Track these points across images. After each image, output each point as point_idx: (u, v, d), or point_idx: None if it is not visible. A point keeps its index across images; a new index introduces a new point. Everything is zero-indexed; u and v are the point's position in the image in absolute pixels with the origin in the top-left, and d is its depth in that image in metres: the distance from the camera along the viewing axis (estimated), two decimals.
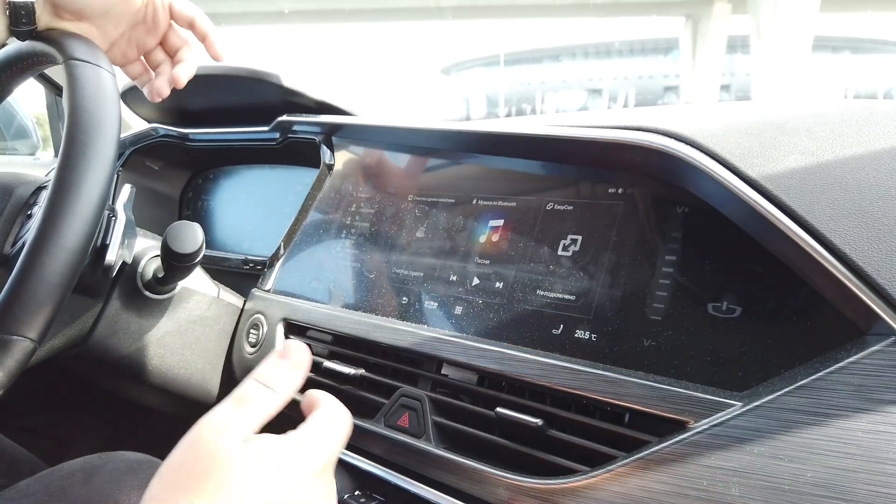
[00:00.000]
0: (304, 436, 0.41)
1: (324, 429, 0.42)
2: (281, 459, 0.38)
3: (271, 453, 0.38)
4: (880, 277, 0.43)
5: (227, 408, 0.39)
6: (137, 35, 0.69)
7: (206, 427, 0.38)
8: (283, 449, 0.39)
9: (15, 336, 0.50)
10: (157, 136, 1.14)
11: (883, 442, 0.40)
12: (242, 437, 0.38)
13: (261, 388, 0.41)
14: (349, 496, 0.67)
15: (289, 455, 0.39)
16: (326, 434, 0.42)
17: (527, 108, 34.78)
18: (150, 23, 0.68)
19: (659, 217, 0.59)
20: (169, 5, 0.69)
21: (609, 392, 0.53)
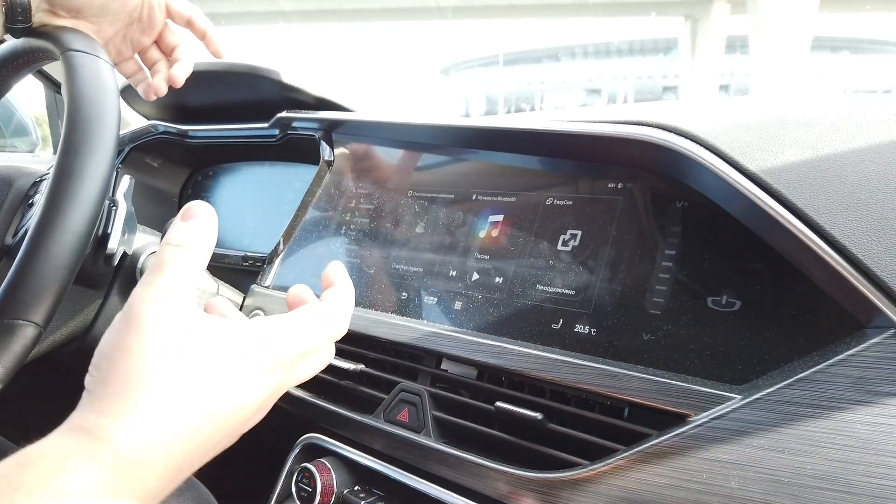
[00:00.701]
0: (264, 326, 0.38)
1: (297, 324, 0.40)
2: (219, 338, 0.36)
3: (207, 329, 0.36)
4: (880, 270, 0.43)
5: (145, 279, 0.36)
6: (133, 33, 0.69)
7: (134, 301, 0.35)
8: (226, 329, 0.37)
9: (20, 321, 0.50)
10: (156, 132, 1.13)
11: (883, 434, 0.40)
12: (171, 303, 0.35)
13: (172, 248, 0.37)
14: (349, 491, 0.67)
15: (231, 337, 0.36)
16: (295, 331, 0.40)
17: (526, 107, 34.79)
18: (146, 21, 0.68)
19: (658, 212, 0.59)
20: (166, 4, 0.69)
21: (609, 386, 0.53)
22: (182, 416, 0.34)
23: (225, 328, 0.37)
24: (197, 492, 0.71)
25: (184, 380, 0.34)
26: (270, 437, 0.94)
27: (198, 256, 0.38)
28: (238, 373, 0.36)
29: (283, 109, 0.99)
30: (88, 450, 0.31)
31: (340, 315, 0.44)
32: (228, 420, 0.36)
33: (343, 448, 0.71)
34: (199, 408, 0.34)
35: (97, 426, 0.32)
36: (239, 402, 0.36)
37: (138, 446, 0.32)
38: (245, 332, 0.37)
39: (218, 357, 0.35)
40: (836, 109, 0.55)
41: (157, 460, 0.33)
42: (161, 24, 0.70)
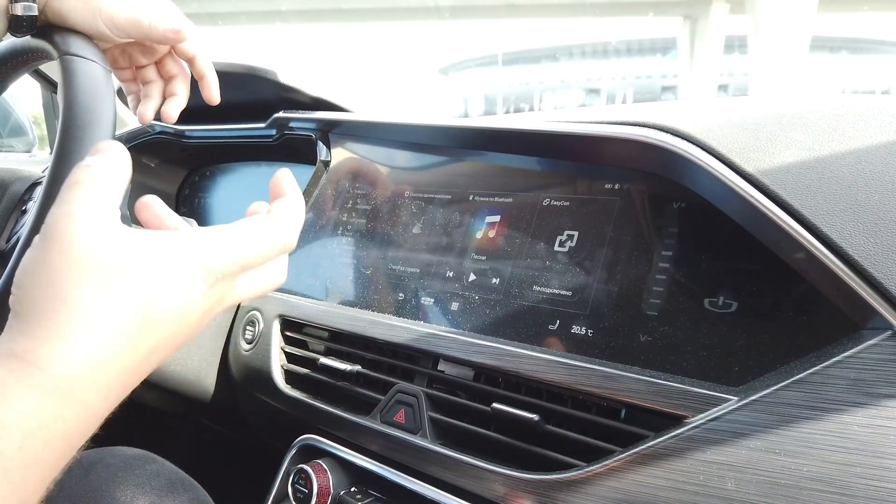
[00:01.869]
0: (201, 235, 0.36)
1: (238, 234, 0.38)
2: (150, 248, 0.34)
3: (136, 239, 0.34)
4: (877, 272, 0.43)
5: (60, 197, 0.35)
6: (132, 51, 0.68)
7: (52, 219, 0.34)
8: (157, 239, 0.35)
9: None
10: (153, 132, 1.13)
11: (880, 436, 0.40)
12: (92, 217, 0.34)
13: (85, 167, 0.36)
14: (345, 492, 0.67)
15: (164, 247, 0.35)
16: (236, 241, 0.37)
17: (525, 107, 34.81)
18: (148, 47, 0.67)
19: (655, 213, 0.59)
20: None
21: (605, 387, 0.53)
22: (119, 333, 0.33)
23: (160, 239, 0.35)
24: (194, 493, 0.70)
25: (114, 292, 0.33)
26: (267, 438, 0.94)
27: (115, 175, 0.36)
28: (177, 285, 0.34)
29: (279, 110, 0.98)
30: (21, 376, 0.30)
31: (289, 226, 0.41)
32: (169, 334, 0.35)
33: (339, 449, 0.70)
34: (138, 325, 0.33)
35: (28, 350, 0.31)
36: (181, 315, 0.35)
37: (74, 367, 0.31)
38: (179, 241, 0.35)
39: (153, 270, 0.34)
40: (833, 110, 0.55)
41: (96, 378, 0.32)
42: (162, 54, 0.69)
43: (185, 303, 0.35)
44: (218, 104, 0.68)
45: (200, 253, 0.36)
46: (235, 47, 27.22)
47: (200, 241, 0.36)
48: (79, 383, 0.31)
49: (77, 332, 0.32)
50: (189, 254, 0.35)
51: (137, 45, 0.67)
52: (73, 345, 0.31)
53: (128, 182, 0.38)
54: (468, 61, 38.58)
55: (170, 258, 0.35)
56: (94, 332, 0.32)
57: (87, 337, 0.32)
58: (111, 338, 0.32)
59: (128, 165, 0.38)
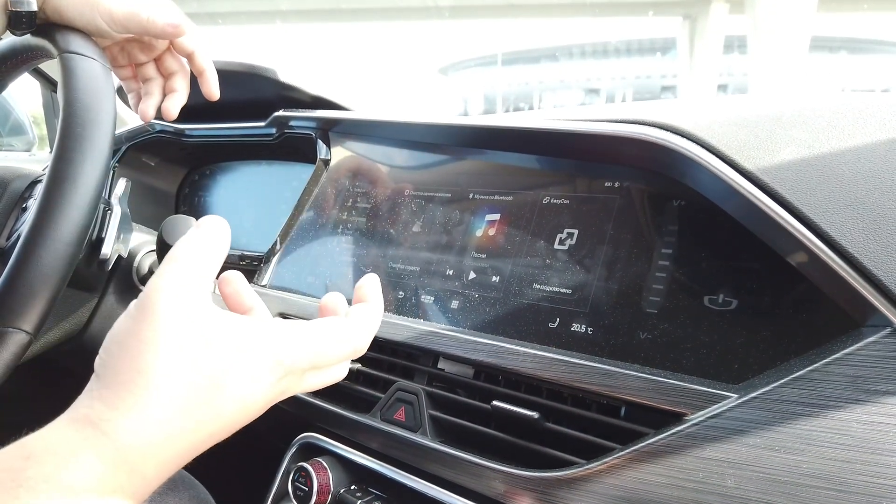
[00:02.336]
0: (282, 330, 0.37)
1: (317, 334, 0.39)
2: (234, 335, 0.35)
3: (223, 324, 0.35)
4: (876, 269, 0.43)
5: (161, 269, 0.36)
6: (131, 48, 0.68)
7: (150, 290, 0.35)
8: (242, 327, 0.36)
9: (10, 328, 0.50)
10: (153, 131, 1.13)
11: (879, 433, 0.40)
12: (186, 294, 0.35)
13: (187, 243, 0.37)
14: (345, 490, 0.67)
15: (247, 336, 0.36)
16: (314, 341, 0.38)
17: (524, 107, 34.81)
18: (147, 43, 0.67)
19: (655, 210, 0.59)
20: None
21: (605, 385, 0.53)
22: (188, 412, 0.33)
23: (242, 325, 0.36)
24: (194, 491, 0.70)
25: (194, 375, 0.34)
26: (267, 436, 0.94)
27: (213, 252, 0.37)
28: (248, 373, 0.35)
29: (279, 108, 0.99)
30: (94, 444, 0.31)
31: (364, 334, 0.42)
32: (231, 418, 0.36)
33: (339, 447, 0.70)
34: (206, 405, 0.34)
35: (104, 419, 0.32)
36: (245, 402, 0.36)
37: (143, 442, 0.32)
38: (262, 332, 0.36)
39: (230, 354, 0.35)
40: (833, 108, 0.55)
41: (158, 455, 0.33)
42: (161, 50, 0.69)
43: (251, 390, 0.36)
44: (217, 101, 0.68)
45: (276, 345, 0.37)
46: (236, 47, 27.21)
47: (278, 334, 0.37)
48: (144, 457, 0.32)
49: (153, 408, 0.32)
50: (265, 344, 0.36)
51: (136, 43, 0.67)
52: (146, 420, 0.32)
53: (223, 258, 0.39)
54: (468, 61, 38.58)
55: (246, 345, 0.35)
56: (169, 411, 0.33)
57: (162, 414, 0.32)
58: (180, 415, 0.33)
59: (227, 241, 0.39)
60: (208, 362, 0.34)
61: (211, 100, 0.70)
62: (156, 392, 0.32)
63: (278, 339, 0.37)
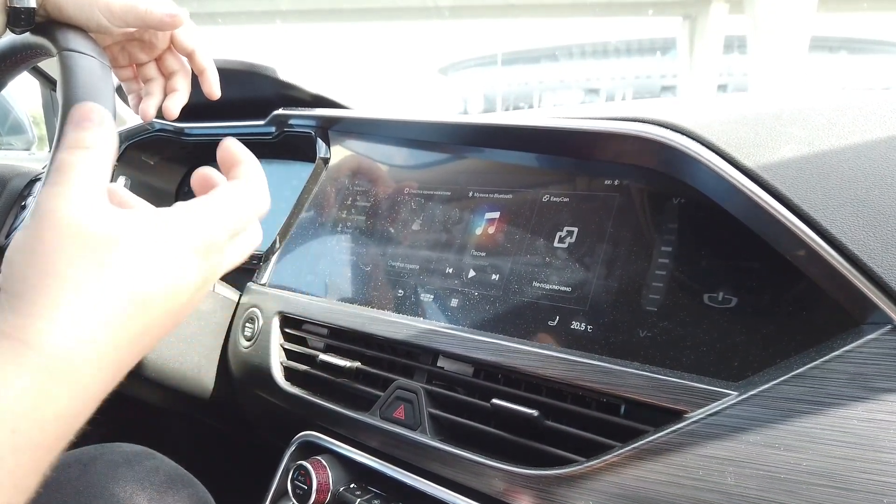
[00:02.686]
0: (187, 209, 0.36)
1: (220, 203, 0.38)
2: (142, 224, 0.34)
3: (127, 217, 0.34)
4: (877, 266, 0.43)
5: (50, 179, 0.34)
6: (131, 48, 0.68)
7: (43, 199, 0.33)
8: (148, 215, 0.35)
9: None
10: (152, 130, 1.13)
11: (879, 430, 0.40)
12: (83, 197, 0.33)
13: (73, 150, 0.35)
14: (345, 489, 0.67)
15: (155, 223, 0.35)
16: (220, 210, 0.38)
17: (524, 107, 34.84)
18: (147, 42, 0.67)
19: (655, 208, 0.59)
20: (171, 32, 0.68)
21: (605, 382, 0.53)
22: (109, 305, 0.32)
23: (146, 214, 0.35)
24: (193, 489, 0.70)
25: (106, 268, 0.32)
26: (266, 434, 0.94)
27: (103, 155, 0.36)
28: (167, 258, 0.34)
29: (279, 107, 0.99)
30: (12, 356, 0.30)
31: (259, 188, 0.41)
32: (163, 307, 0.35)
33: (339, 446, 0.70)
34: (128, 296, 0.33)
35: (18, 327, 0.30)
36: (171, 288, 0.35)
37: (65, 342, 0.30)
38: (170, 216, 0.36)
39: (143, 243, 0.34)
40: (833, 105, 0.55)
41: (88, 354, 0.31)
42: (161, 50, 0.68)
43: (178, 277, 0.35)
44: (218, 99, 0.68)
45: (192, 226, 0.36)
46: (236, 47, 27.20)
47: (190, 215, 0.36)
48: (71, 359, 0.31)
49: (68, 308, 0.31)
50: (181, 228, 0.35)
51: (137, 42, 0.67)
52: (64, 320, 0.31)
53: (114, 160, 0.37)
54: (468, 61, 38.57)
55: (162, 233, 0.35)
56: (85, 308, 0.31)
57: (79, 312, 0.31)
58: (103, 313, 0.32)
59: (114, 144, 0.38)
60: (122, 257, 0.33)
61: (212, 99, 0.70)
62: (70, 292, 0.31)
63: (192, 219, 0.36)
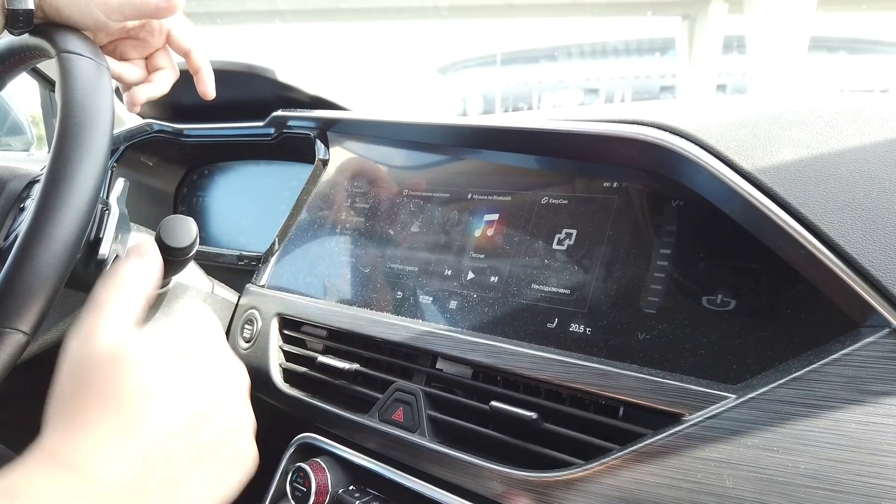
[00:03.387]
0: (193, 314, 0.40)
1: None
2: (182, 340, 0.37)
3: (170, 335, 0.36)
4: (875, 269, 0.43)
5: (99, 306, 0.36)
6: (124, 46, 0.68)
7: (89, 327, 0.35)
8: (180, 329, 0.37)
9: (7, 328, 0.49)
10: (151, 131, 1.13)
11: (876, 433, 0.40)
12: (130, 324, 0.36)
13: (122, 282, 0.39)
14: (343, 491, 0.67)
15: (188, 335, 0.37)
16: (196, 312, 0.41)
17: (523, 107, 34.79)
18: (142, 41, 0.67)
19: (654, 211, 0.59)
20: (168, 31, 0.68)
21: (603, 385, 0.53)
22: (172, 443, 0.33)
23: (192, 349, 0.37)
24: None
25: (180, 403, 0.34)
26: (265, 436, 0.94)
27: (146, 289, 0.40)
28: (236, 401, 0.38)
29: (278, 108, 0.98)
30: (70, 485, 0.29)
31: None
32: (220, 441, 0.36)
33: (338, 448, 0.70)
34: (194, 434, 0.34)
35: (71, 454, 0.31)
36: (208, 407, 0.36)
37: (120, 477, 0.31)
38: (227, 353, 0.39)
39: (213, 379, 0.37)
40: (831, 108, 0.55)
41: (137, 486, 0.31)
42: (155, 48, 0.68)
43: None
44: (216, 101, 0.68)
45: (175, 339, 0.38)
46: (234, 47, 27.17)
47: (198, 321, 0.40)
48: (123, 489, 0.31)
49: (118, 437, 0.32)
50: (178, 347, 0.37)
51: (130, 41, 0.67)
52: (114, 450, 0.31)
53: (156, 282, 0.42)
54: (466, 61, 38.55)
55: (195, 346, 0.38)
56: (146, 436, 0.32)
57: (131, 440, 0.32)
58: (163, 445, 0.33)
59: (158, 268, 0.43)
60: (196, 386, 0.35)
61: (206, 99, 0.70)
62: (117, 421, 0.32)
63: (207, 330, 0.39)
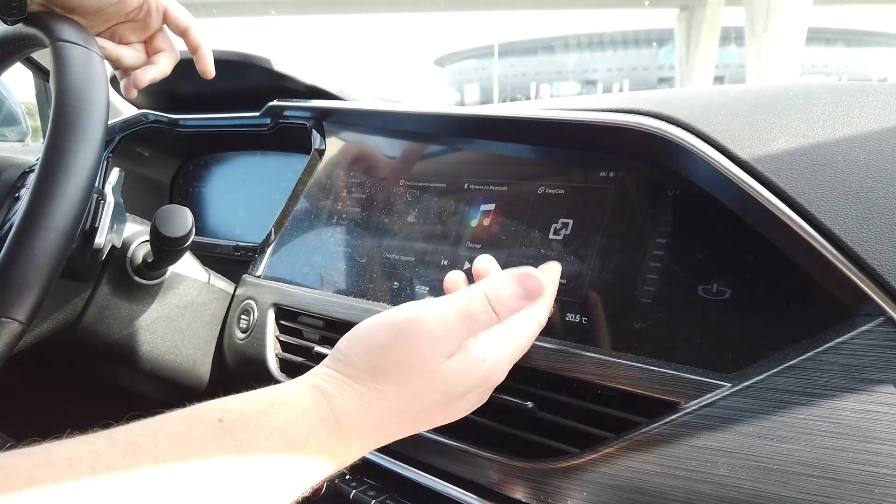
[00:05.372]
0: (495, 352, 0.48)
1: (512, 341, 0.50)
2: (466, 379, 0.46)
3: (462, 372, 0.46)
4: (870, 258, 0.43)
5: (453, 320, 0.46)
6: (122, 30, 0.67)
7: (426, 334, 0.45)
8: (472, 370, 0.47)
9: (3, 318, 0.49)
10: (147, 121, 1.13)
11: (871, 421, 0.40)
12: (451, 352, 0.45)
13: (488, 308, 0.48)
14: (339, 480, 0.67)
15: (474, 375, 0.47)
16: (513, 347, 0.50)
17: (521, 98, 34.72)
18: (140, 23, 0.67)
19: (650, 200, 0.59)
20: (164, 10, 0.67)
21: (599, 374, 0.53)
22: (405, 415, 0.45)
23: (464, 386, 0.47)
24: None
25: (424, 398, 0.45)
26: None
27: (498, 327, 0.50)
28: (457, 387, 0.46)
29: (274, 98, 0.98)
30: (321, 411, 0.41)
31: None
32: (440, 409, 0.47)
33: None
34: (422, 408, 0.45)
35: (335, 395, 0.42)
36: (453, 396, 0.47)
37: (358, 426, 0.42)
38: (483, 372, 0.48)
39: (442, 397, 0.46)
40: (828, 97, 0.55)
41: (365, 437, 0.42)
42: (154, 29, 0.68)
43: (458, 391, 0.47)
44: (212, 90, 0.68)
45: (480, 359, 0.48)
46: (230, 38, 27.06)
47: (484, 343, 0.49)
48: (353, 434, 0.42)
49: (376, 405, 0.43)
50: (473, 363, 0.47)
51: (128, 24, 0.67)
52: (367, 409, 0.42)
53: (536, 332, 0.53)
54: (464, 52, 38.44)
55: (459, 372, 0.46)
56: (385, 412, 0.43)
57: (379, 411, 0.43)
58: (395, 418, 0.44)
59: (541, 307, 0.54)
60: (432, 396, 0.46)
61: (206, 78, 0.70)
62: (387, 398, 0.43)
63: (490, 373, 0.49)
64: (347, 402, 0.41)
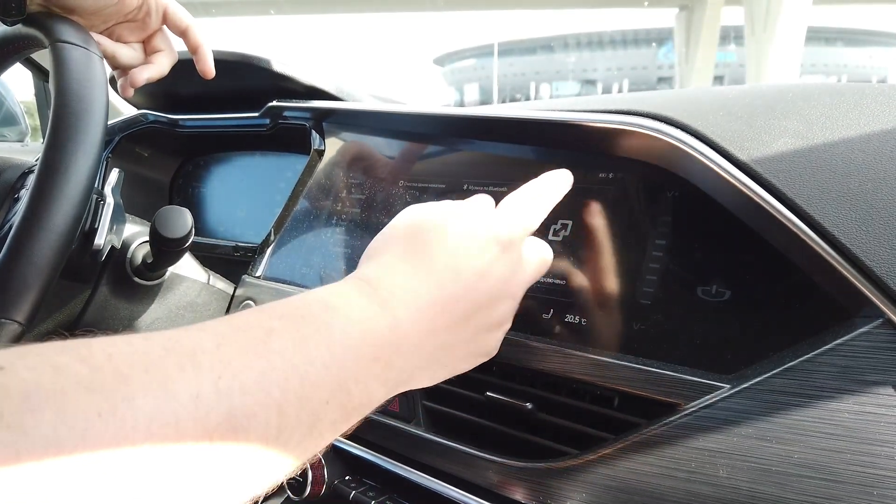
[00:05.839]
0: (498, 208, 0.51)
1: (526, 200, 0.53)
2: (475, 230, 0.48)
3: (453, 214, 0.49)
4: (869, 260, 0.43)
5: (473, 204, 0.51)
6: (120, 30, 0.67)
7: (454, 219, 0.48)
8: (470, 213, 0.49)
9: (2, 319, 0.50)
10: (146, 122, 1.13)
11: (869, 423, 0.41)
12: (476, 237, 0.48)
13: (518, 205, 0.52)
14: (339, 481, 0.67)
15: (472, 220, 0.48)
16: (527, 206, 0.52)
17: (520, 98, 34.71)
18: (139, 23, 0.67)
19: (649, 201, 0.59)
20: (164, 10, 0.67)
21: (598, 375, 0.53)
22: (426, 272, 0.45)
23: (458, 211, 0.49)
24: None
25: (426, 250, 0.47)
26: None
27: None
28: (471, 245, 0.47)
29: (273, 98, 0.98)
30: (368, 291, 0.43)
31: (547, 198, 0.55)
32: (467, 281, 0.46)
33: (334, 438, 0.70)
34: (441, 267, 0.46)
35: (375, 277, 0.45)
36: (475, 269, 0.46)
37: (394, 288, 0.44)
38: (476, 214, 0.49)
39: (453, 234, 0.47)
40: (827, 98, 0.55)
41: (408, 300, 0.43)
42: (153, 29, 0.68)
43: (481, 261, 0.47)
44: (211, 91, 0.68)
45: (491, 223, 0.49)
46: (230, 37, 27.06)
47: (491, 213, 0.50)
48: (395, 300, 0.43)
49: (399, 268, 0.46)
50: (483, 224, 0.48)
51: (127, 24, 0.67)
52: (394, 274, 0.45)
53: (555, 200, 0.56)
54: (463, 51, 38.44)
55: (469, 227, 0.48)
56: (410, 269, 0.46)
57: (405, 271, 0.45)
58: (422, 276, 0.45)
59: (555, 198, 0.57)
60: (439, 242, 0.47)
61: (206, 78, 0.69)
62: (401, 262, 0.46)
63: (491, 217, 0.50)
64: (390, 279, 0.45)
